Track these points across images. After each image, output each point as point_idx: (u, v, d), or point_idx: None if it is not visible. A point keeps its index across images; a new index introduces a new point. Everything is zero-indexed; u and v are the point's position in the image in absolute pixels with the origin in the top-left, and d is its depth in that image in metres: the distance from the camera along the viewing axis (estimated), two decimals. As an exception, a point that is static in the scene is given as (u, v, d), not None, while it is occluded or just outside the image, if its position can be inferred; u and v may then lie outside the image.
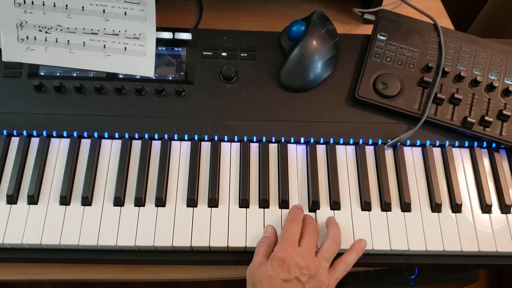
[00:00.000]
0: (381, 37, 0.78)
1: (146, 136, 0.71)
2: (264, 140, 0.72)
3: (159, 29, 0.75)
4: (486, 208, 0.69)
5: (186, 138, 0.72)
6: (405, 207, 0.68)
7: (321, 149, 0.72)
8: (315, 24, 0.75)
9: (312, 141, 0.72)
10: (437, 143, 0.73)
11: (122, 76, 0.74)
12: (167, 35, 0.76)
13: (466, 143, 0.74)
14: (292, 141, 0.72)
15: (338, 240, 0.63)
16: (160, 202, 0.66)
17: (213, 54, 0.77)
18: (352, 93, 0.75)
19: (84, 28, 0.71)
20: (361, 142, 0.72)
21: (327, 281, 0.59)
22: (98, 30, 0.71)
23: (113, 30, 0.71)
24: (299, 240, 0.62)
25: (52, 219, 0.65)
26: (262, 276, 0.58)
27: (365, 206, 0.68)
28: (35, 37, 0.72)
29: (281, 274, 0.57)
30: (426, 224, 0.67)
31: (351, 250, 0.64)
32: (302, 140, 0.72)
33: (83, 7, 0.70)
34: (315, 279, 0.58)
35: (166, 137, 0.71)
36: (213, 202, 0.67)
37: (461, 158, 0.73)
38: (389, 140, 0.73)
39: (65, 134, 0.71)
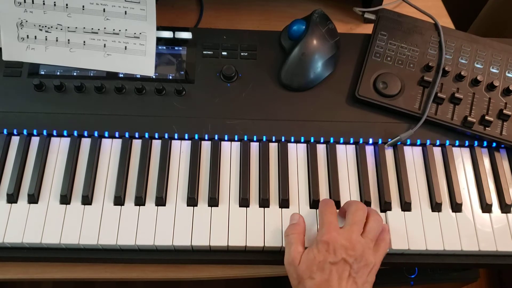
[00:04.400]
0: (382, 36, 0.78)
1: (147, 135, 0.71)
2: (264, 139, 0.72)
3: (159, 28, 0.75)
4: (486, 207, 0.69)
5: (186, 137, 0.72)
6: (405, 206, 0.68)
7: (321, 149, 0.72)
8: (315, 23, 0.75)
9: (312, 140, 0.72)
10: (438, 142, 0.73)
11: (122, 75, 0.74)
12: (167, 34, 0.76)
13: (467, 143, 0.74)
14: (292, 140, 0.72)
15: (379, 219, 0.63)
16: (160, 201, 0.66)
17: (213, 53, 0.77)
18: (352, 92, 0.75)
19: (84, 27, 0.71)
20: (361, 141, 0.72)
21: (373, 260, 0.59)
22: (99, 29, 0.71)
23: (114, 29, 0.71)
24: (346, 222, 0.62)
25: (53, 218, 0.65)
26: (311, 263, 0.58)
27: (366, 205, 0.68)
28: (35, 36, 0.72)
29: (329, 258, 0.57)
30: (426, 224, 0.67)
31: (384, 230, 0.63)
32: (302, 139, 0.72)
33: (83, 6, 0.70)
34: (362, 260, 0.58)
35: (166, 136, 0.71)
36: (213, 201, 0.67)
37: (461, 157, 0.73)
38: (389, 140, 0.73)
39: (65, 133, 0.71)
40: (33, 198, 0.66)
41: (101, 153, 0.70)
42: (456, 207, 0.69)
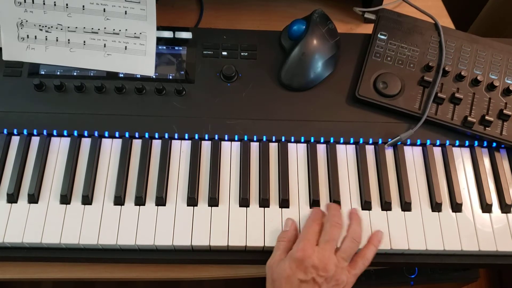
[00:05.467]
0: (382, 36, 0.78)
1: (147, 135, 0.71)
2: (264, 139, 0.72)
3: (159, 28, 0.75)
4: (486, 207, 0.69)
5: (186, 137, 0.72)
6: (406, 206, 0.68)
7: (321, 148, 0.72)
8: (315, 23, 0.75)
9: (312, 140, 0.72)
10: (438, 142, 0.73)
11: (122, 75, 0.74)
12: (167, 34, 0.76)
13: (467, 143, 0.74)
14: (292, 140, 0.72)
15: (357, 237, 0.63)
16: (161, 201, 0.66)
17: (213, 53, 0.77)
18: (352, 92, 0.75)
19: (84, 27, 0.71)
20: (361, 141, 0.72)
21: (345, 279, 0.60)
22: (99, 29, 0.71)
23: (114, 29, 0.71)
24: (322, 238, 0.62)
25: (53, 218, 0.65)
26: (281, 275, 0.59)
27: (366, 205, 0.68)
28: (35, 36, 0.72)
29: (299, 275, 0.58)
30: (427, 224, 0.67)
31: (369, 244, 0.64)
32: (302, 139, 0.72)
33: (83, 6, 0.70)
34: (333, 280, 0.59)
35: (166, 136, 0.71)
36: (213, 201, 0.67)
37: (461, 157, 0.73)
38: (389, 140, 0.73)
39: (65, 133, 0.71)
40: (33, 198, 0.66)
41: (101, 153, 0.70)
42: (456, 207, 0.69)
